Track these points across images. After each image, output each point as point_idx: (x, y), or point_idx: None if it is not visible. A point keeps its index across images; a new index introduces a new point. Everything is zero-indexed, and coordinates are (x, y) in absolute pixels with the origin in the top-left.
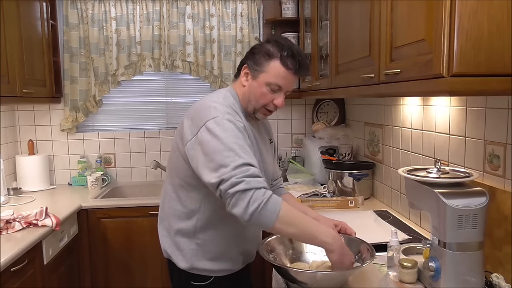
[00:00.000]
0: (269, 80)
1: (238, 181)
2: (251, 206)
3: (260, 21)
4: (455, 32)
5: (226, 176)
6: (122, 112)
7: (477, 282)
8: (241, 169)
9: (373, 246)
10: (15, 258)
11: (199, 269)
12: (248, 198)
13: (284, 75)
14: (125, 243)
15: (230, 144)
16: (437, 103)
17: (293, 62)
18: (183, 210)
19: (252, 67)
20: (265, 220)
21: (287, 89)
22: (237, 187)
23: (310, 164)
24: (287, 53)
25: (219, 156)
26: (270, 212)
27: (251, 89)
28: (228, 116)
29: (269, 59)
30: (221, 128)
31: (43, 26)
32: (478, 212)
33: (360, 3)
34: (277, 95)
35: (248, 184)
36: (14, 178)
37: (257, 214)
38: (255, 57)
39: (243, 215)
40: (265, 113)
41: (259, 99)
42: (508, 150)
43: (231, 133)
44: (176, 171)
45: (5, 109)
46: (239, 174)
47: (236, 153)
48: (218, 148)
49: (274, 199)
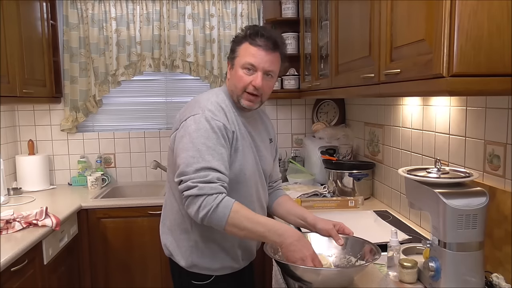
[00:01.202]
0: (241, 62)
1: (193, 186)
2: (201, 211)
3: (260, 21)
4: (455, 32)
5: (184, 178)
6: (122, 112)
7: (477, 282)
8: (199, 174)
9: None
10: (15, 258)
11: (199, 267)
12: (199, 204)
13: (253, 52)
14: (125, 243)
15: (198, 144)
16: (437, 103)
17: (260, 38)
18: (180, 206)
19: (229, 58)
20: (216, 223)
21: (264, 67)
22: (190, 191)
23: (310, 164)
24: (251, 32)
25: (185, 154)
26: (219, 217)
27: (232, 78)
28: (208, 114)
29: (240, 44)
30: (195, 126)
31: (43, 26)
32: (478, 212)
33: (360, 3)
34: (254, 76)
35: (201, 190)
36: (14, 178)
37: (208, 219)
38: (231, 48)
39: (195, 217)
40: (248, 98)
41: (237, 83)
42: (508, 150)
43: (204, 133)
44: (172, 168)
45: (5, 109)
46: (196, 178)
47: (201, 154)
48: (187, 146)
49: (224, 204)
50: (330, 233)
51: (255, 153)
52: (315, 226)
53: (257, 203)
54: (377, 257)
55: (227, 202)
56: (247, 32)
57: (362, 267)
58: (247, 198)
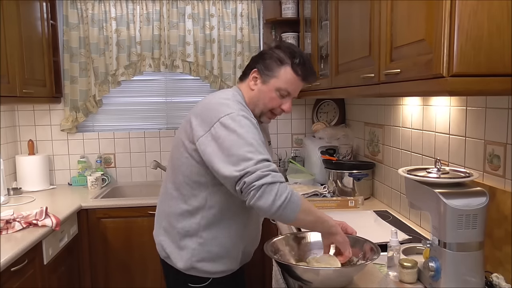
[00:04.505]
0: (280, 86)
1: (265, 174)
2: (278, 199)
3: (260, 21)
4: (455, 32)
5: (252, 169)
6: (122, 112)
7: (477, 282)
8: (264, 164)
9: None
10: (15, 258)
11: (198, 270)
12: (275, 191)
13: (293, 81)
14: (125, 243)
15: (249, 139)
16: (437, 103)
17: (304, 69)
18: (187, 208)
19: (262, 72)
20: (290, 212)
21: (294, 94)
22: (263, 179)
23: (310, 164)
24: (299, 61)
25: (240, 150)
26: (295, 205)
27: (260, 93)
28: (243, 113)
29: (281, 65)
30: (237, 124)
31: (43, 26)
32: (478, 212)
33: (360, 3)
34: (285, 100)
35: (274, 177)
36: (14, 178)
37: (284, 207)
38: (266, 62)
39: (269, 208)
40: (270, 117)
41: (267, 103)
42: (508, 150)
43: (248, 129)
44: (180, 169)
45: (5, 109)
46: (263, 168)
47: (256, 148)
48: (238, 143)
49: (295, 192)
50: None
51: None
52: None
53: None
54: (375, 257)
55: (295, 191)
56: (293, 60)
57: (361, 267)
58: None
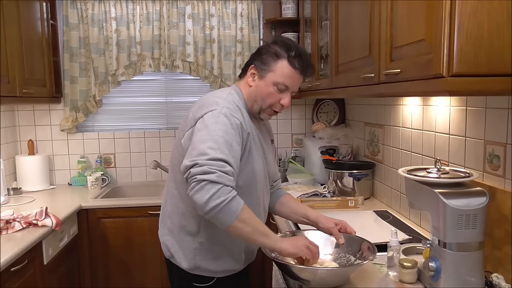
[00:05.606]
0: (277, 80)
1: (211, 171)
2: (214, 199)
3: (260, 21)
4: (455, 32)
5: (201, 162)
6: (122, 112)
7: (477, 282)
8: (217, 162)
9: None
10: (15, 258)
11: (202, 269)
12: (214, 191)
13: (291, 75)
14: (125, 243)
15: (216, 137)
16: (437, 103)
17: (300, 62)
18: (187, 208)
19: (259, 67)
20: (224, 217)
21: (293, 89)
22: (207, 175)
23: (310, 164)
24: (294, 53)
25: (203, 145)
26: (231, 211)
27: (258, 89)
28: (226, 111)
29: (277, 59)
30: (214, 120)
31: (43, 26)
32: (478, 212)
33: (360, 3)
34: (283, 95)
35: (220, 178)
36: (14, 178)
37: (219, 209)
38: (262, 57)
39: (203, 205)
40: (270, 113)
41: (266, 98)
42: (508, 150)
43: (222, 127)
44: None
45: (5, 109)
46: (214, 165)
47: (219, 146)
48: (204, 138)
49: (237, 200)
50: (331, 231)
51: (262, 156)
52: (317, 224)
53: (262, 205)
54: (371, 257)
55: (239, 200)
56: (289, 53)
57: (356, 266)
58: (256, 202)
